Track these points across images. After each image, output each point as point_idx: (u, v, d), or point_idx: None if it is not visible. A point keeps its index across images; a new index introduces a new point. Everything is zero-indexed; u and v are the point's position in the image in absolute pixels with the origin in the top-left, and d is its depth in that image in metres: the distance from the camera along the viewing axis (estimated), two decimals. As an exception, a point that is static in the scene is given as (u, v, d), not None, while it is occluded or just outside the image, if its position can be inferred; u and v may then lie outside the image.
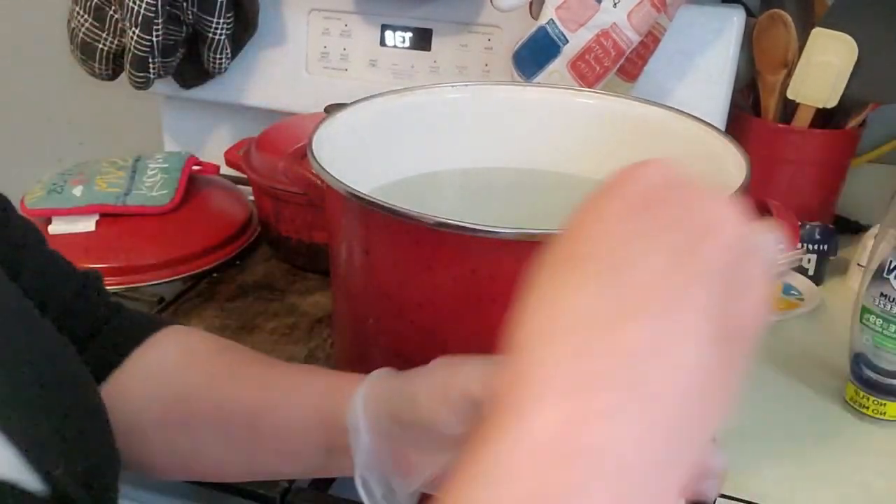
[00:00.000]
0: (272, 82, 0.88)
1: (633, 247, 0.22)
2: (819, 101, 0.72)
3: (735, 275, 0.23)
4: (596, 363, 0.21)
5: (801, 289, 0.72)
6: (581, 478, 0.19)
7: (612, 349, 0.21)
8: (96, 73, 0.85)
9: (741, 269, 0.23)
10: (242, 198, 0.78)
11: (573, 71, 0.65)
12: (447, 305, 0.41)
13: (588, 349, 0.21)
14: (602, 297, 0.22)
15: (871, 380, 0.55)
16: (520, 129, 0.56)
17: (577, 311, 0.22)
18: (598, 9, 0.63)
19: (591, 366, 0.21)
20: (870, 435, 0.55)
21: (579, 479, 0.19)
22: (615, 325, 0.21)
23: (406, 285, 0.42)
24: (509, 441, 0.20)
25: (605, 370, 0.21)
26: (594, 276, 0.22)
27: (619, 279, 0.22)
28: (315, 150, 0.44)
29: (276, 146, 0.71)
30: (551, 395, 0.20)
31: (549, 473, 0.19)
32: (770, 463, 0.52)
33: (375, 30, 0.83)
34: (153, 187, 0.71)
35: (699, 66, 0.74)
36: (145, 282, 0.67)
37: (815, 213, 0.77)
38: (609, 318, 0.21)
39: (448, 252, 0.40)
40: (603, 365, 0.21)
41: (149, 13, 0.75)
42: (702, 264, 0.22)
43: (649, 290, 0.22)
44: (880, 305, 0.54)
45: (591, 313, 0.21)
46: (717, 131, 0.49)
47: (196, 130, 0.98)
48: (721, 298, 0.22)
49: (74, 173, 0.73)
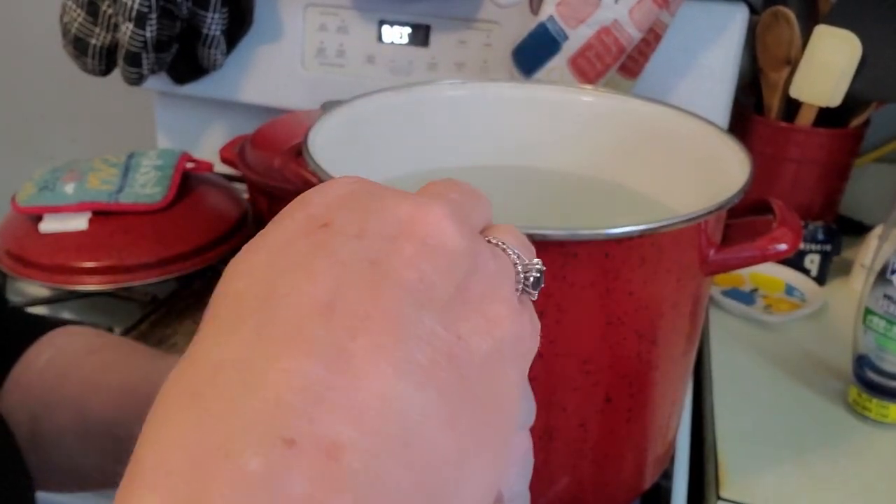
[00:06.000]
0: (268, 78, 0.87)
1: (295, 275, 0.17)
2: (822, 100, 0.71)
3: (448, 287, 0.18)
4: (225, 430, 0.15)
5: (803, 290, 0.72)
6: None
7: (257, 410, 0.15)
8: (89, 69, 0.84)
9: (457, 281, 0.18)
10: (237, 195, 0.77)
11: (573, 68, 0.64)
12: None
13: (219, 416, 0.15)
14: (247, 344, 0.16)
15: (874, 382, 0.55)
16: (519, 127, 0.55)
17: (216, 372, 0.16)
18: (598, 5, 0.63)
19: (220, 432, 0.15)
20: (872, 437, 0.55)
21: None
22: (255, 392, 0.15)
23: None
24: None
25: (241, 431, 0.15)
26: (246, 317, 0.17)
27: (272, 315, 0.17)
28: (311, 147, 0.43)
29: (271, 143, 0.70)
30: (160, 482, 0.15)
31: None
32: (771, 465, 0.52)
33: (373, 25, 0.82)
34: (146, 185, 0.70)
35: (701, 63, 0.73)
36: (138, 281, 0.66)
37: (819, 212, 0.76)
38: (249, 383, 0.16)
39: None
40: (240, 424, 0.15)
41: (143, 8, 0.74)
42: (385, 277, 0.17)
43: (307, 324, 0.16)
44: (884, 307, 0.53)
45: (233, 371, 0.16)
46: (720, 129, 0.48)
47: (190, 127, 0.97)
48: (427, 319, 0.17)
49: (66, 171, 0.72)
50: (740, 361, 0.63)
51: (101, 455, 0.38)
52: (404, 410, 0.16)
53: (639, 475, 0.47)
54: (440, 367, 0.17)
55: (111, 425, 0.37)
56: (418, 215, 0.19)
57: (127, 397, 0.38)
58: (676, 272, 0.39)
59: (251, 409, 0.15)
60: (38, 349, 0.41)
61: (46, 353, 0.41)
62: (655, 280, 0.39)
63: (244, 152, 0.72)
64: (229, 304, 0.18)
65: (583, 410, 0.41)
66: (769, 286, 0.72)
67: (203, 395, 0.16)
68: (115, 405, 0.38)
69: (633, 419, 0.43)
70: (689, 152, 0.49)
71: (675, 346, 0.43)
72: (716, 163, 0.46)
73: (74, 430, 0.38)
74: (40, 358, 0.41)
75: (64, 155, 0.83)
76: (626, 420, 0.43)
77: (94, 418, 0.38)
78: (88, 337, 0.43)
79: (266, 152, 0.69)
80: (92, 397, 0.39)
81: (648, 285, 0.38)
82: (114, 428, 0.37)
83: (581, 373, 0.40)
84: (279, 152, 0.50)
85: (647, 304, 0.39)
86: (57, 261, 0.65)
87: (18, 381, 0.40)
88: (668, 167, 0.51)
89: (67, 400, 0.39)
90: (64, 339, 0.42)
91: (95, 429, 0.38)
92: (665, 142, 0.51)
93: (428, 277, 0.18)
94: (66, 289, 0.66)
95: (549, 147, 0.55)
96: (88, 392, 0.39)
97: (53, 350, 0.41)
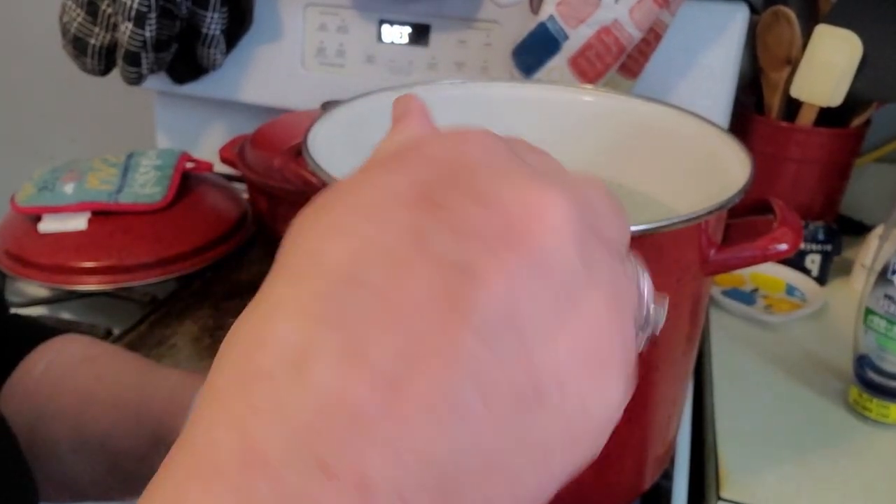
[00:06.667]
0: (267, 78, 0.87)
1: (381, 267, 0.16)
2: (823, 100, 0.71)
3: (543, 315, 0.16)
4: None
5: (804, 290, 0.71)
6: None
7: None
8: (88, 68, 0.84)
9: (557, 309, 0.16)
10: (237, 195, 0.77)
11: (573, 68, 0.64)
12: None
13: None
14: (309, 332, 0.15)
15: (875, 382, 0.55)
16: (519, 127, 0.55)
17: (271, 357, 0.15)
18: (599, 5, 0.62)
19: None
20: (872, 437, 0.55)
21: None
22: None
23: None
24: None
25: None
26: (320, 294, 0.16)
27: (343, 308, 0.15)
28: (311, 147, 0.43)
29: (271, 143, 0.70)
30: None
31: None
32: (771, 465, 0.52)
33: (373, 25, 0.82)
34: (146, 184, 0.70)
35: (702, 63, 0.73)
36: (138, 281, 0.66)
37: (819, 212, 0.76)
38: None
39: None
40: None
41: (142, 7, 0.74)
42: (466, 301, 0.15)
43: (370, 337, 0.15)
44: (884, 307, 0.53)
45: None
46: (720, 129, 0.48)
47: (190, 127, 0.97)
48: (504, 355, 0.15)
49: (66, 171, 0.72)
50: (740, 361, 0.63)
51: (96, 468, 0.38)
52: (445, 463, 0.15)
53: (639, 475, 0.47)
54: (501, 416, 0.15)
55: (105, 438, 0.37)
56: (536, 211, 0.16)
57: (119, 411, 0.38)
58: (676, 272, 0.39)
59: (294, 419, 0.14)
60: (36, 356, 0.41)
61: (44, 361, 0.41)
62: (655, 280, 0.38)
63: (244, 152, 0.72)
64: (307, 265, 0.16)
65: (583, 411, 0.41)
66: (770, 286, 0.72)
67: (252, 390, 0.15)
68: (108, 419, 0.38)
69: (633, 419, 0.43)
70: (689, 152, 0.49)
71: (675, 346, 0.43)
72: (716, 163, 0.46)
73: (69, 442, 0.38)
74: (38, 366, 0.41)
75: (64, 155, 0.83)
76: (626, 420, 0.42)
77: (88, 431, 0.38)
78: (85, 345, 0.43)
79: (266, 152, 0.69)
80: (86, 410, 0.38)
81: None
82: (107, 441, 0.37)
83: (581, 373, 0.40)
84: (279, 152, 0.50)
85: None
86: (56, 261, 0.65)
87: (16, 388, 0.40)
88: (668, 167, 0.51)
89: (62, 411, 0.39)
90: (61, 347, 0.42)
91: (90, 442, 0.38)
92: (665, 142, 0.51)
93: (520, 304, 0.15)
94: (65, 289, 0.66)
95: (549, 147, 0.54)
96: (83, 404, 0.39)
97: (50, 358, 0.41)
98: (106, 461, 0.38)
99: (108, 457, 0.37)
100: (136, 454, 0.37)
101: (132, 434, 0.37)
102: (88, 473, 0.39)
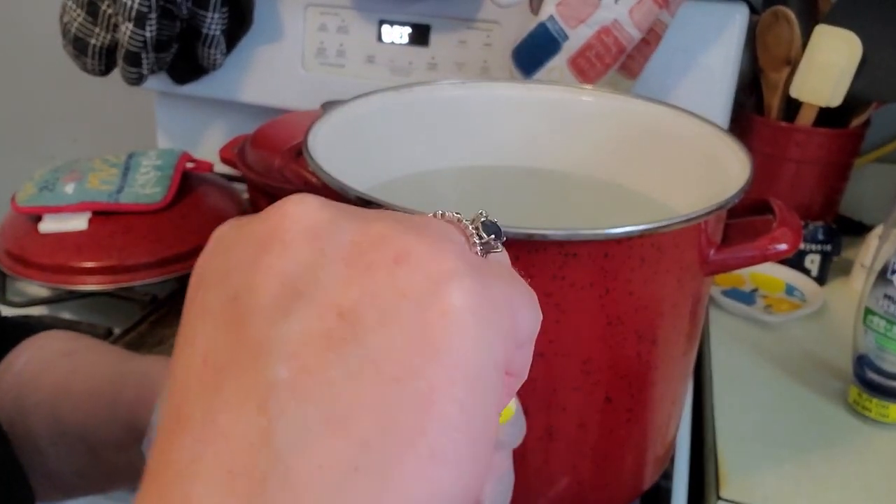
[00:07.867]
0: (268, 78, 0.87)
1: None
2: (822, 100, 0.71)
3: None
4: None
5: (804, 290, 0.72)
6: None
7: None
8: (89, 69, 0.84)
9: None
10: (237, 196, 0.77)
11: (573, 68, 0.64)
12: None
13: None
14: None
15: (874, 382, 0.55)
16: (519, 127, 0.55)
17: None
18: (598, 5, 0.63)
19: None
20: (872, 437, 0.55)
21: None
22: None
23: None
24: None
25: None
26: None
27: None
28: (311, 147, 0.43)
29: (271, 143, 0.70)
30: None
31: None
32: (771, 465, 0.52)
33: (373, 25, 0.82)
34: (146, 185, 0.70)
35: (701, 63, 0.73)
36: (138, 281, 0.66)
37: (819, 212, 0.76)
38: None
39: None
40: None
41: (142, 8, 0.74)
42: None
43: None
44: (884, 307, 0.53)
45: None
46: (720, 129, 0.48)
47: (190, 127, 0.97)
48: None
49: (67, 171, 0.72)
50: (740, 361, 0.63)
51: (78, 460, 0.38)
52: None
53: (639, 475, 0.47)
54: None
55: (83, 429, 0.37)
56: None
57: (95, 402, 0.38)
58: (676, 272, 0.39)
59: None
60: (17, 352, 0.41)
61: (24, 357, 0.41)
62: (655, 280, 0.39)
63: (244, 152, 0.72)
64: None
65: (583, 410, 0.41)
66: (769, 286, 0.72)
67: (238, 472, 0.16)
68: (84, 411, 0.38)
69: (633, 419, 0.43)
70: (689, 152, 0.49)
71: (675, 346, 0.43)
72: (716, 163, 0.46)
73: (49, 436, 0.38)
74: (18, 362, 0.41)
75: (64, 155, 0.83)
76: (626, 420, 0.43)
77: (65, 423, 0.38)
78: (65, 340, 0.43)
79: (266, 152, 0.69)
80: (63, 402, 0.39)
81: (648, 285, 0.38)
82: (86, 432, 0.37)
83: (581, 373, 0.40)
84: (279, 152, 0.50)
85: (646, 304, 0.39)
86: (57, 261, 0.65)
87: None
88: (668, 167, 0.51)
89: (39, 405, 0.39)
90: (42, 343, 0.42)
91: (68, 434, 0.38)
92: (665, 142, 0.51)
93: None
94: (65, 289, 0.66)
95: (549, 147, 0.55)
96: (59, 396, 0.39)
97: (31, 353, 0.41)
98: (87, 452, 0.38)
99: (88, 448, 0.38)
100: (115, 444, 0.37)
101: (108, 423, 0.37)
102: (71, 466, 0.39)
